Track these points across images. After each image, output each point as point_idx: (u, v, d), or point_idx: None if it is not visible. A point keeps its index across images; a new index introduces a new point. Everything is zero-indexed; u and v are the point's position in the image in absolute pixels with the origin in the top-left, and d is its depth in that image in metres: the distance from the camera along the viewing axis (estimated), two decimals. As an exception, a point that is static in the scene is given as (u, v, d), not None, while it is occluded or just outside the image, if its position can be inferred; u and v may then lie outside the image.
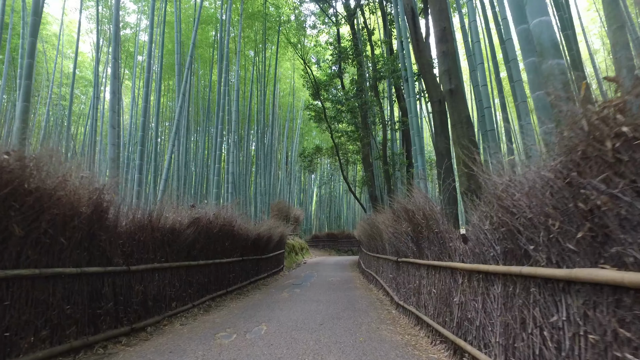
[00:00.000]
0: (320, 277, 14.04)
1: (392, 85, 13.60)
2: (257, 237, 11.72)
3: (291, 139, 34.98)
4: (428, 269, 5.38)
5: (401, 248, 6.93)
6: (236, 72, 14.07)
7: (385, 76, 13.17)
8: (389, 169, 12.62)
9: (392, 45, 14.26)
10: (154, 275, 5.83)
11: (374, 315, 6.80)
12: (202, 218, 7.52)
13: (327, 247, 34.27)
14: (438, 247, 4.92)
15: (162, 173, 9.74)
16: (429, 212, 5.18)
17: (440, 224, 4.84)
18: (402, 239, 6.70)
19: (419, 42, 9.33)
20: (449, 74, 6.14)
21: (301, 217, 30.65)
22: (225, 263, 9.29)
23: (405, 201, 5.97)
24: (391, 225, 7.23)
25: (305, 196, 41.90)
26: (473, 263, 3.75)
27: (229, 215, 9.22)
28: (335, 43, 17.23)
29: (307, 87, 20.59)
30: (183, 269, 6.89)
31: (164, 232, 6.14)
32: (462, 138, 5.77)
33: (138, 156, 9.63)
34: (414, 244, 6.08)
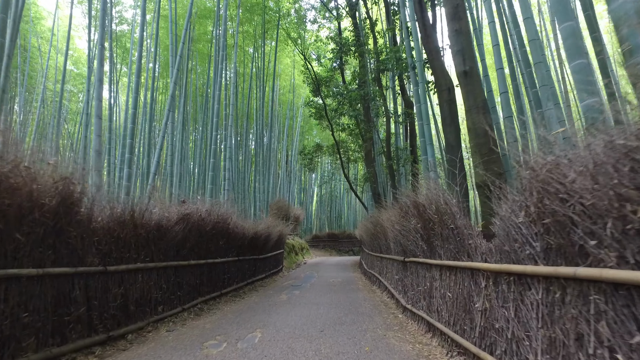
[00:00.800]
0: (321, 278, 13.48)
1: (395, 77, 13.01)
2: (255, 236, 11.16)
3: (291, 137, 34.41)
4: (441, 269, 4.81)
5: (409, 247, 6.36)
6: (234, 64, 13.50)
7: (389, 68, 12.59)
8: (393, 164, 12.05)
9: (395, 36, 13.70)
10: (137, 277, 5.26)
11: (379, 321, 6.23)
12: (193, 214, 6.96)
13: (328, 247, 33.73)
14: (454, 245, 4.35)
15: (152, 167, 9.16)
16: (443, 206, 4.61)
17: (458, 218, 4.27)
18: (410, 237, 6.13)
19: (426, 27, 8.77)
20: (462, 55, 5.57)
21: (301, 217, 30.09)
22: (220, 263, 8.72)
23: (415, 195, 5.41)
24: (398, 222, 6.66)
25: (306, 196, 41.32)
26: (501, 263, 3.19)
27: (224, 212, 8.65)
28: (337, 37, 16.68)
29: (308, 84, 20.06)
30: (171, 269, 6.33)
31: (149, 229, 5.57)
32: (478, 124, 5.20)
33: (128, 149, 9.07)
34: (424, 242, 5.51)
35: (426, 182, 5.79)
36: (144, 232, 5.41)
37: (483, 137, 5.23)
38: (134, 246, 5.21)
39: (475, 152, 5.25)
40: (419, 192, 5.53)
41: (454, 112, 7.75)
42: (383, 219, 8.83)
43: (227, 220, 8.78)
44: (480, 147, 5.23)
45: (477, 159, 5.22)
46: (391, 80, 13.20)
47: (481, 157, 5.20)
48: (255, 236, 11.19)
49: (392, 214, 7.33)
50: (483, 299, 3.49)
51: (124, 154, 9.70)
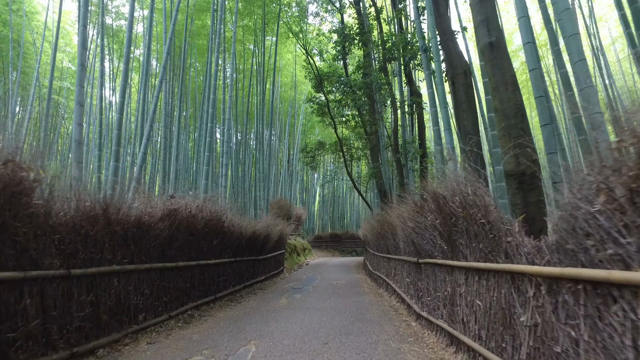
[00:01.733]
0: (324, 280, 12.74)
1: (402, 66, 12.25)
2: (253, 236, 10.44)
3: (293, 135, 33.69)
4: (467, 273, 4.07)
5: (424, 247, 5.62)
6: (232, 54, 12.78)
7: (395, 56, 11.84)
8: (400, 158, 11.29)
9: (402, 24, 12.96)
10: (112, 281, 4.54)
11: (390, 330, 5.49)
12: (181, 210, 6.24)
13: (331, 248, 33.00)
14: (486, 243, 3.61)
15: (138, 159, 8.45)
16: (470, 198, 3.87)
17: (491, 212, 3.53)
18: (426, 235, 5.39)
19: (439, 6, 8.04)
20: (487, 24, 4.83)
21: (303, 217, 29.36)
22: (214, 265, 8.00)
23: (434, 186, 4.67)
24: (411, 219, 5.91)
25: (308, 195, 40.60)
26: (561, 266, 2.45)
27: (218, 209, 7.93)
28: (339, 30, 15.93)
29: (310, 79, 19.35)
30: (156, 272, 5.60)
31: (127, 225, 4.85)
32: (507, 103, 4.46)
33: (115, 142, 8.36)
34: (443, 241, 4.77)
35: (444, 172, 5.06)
36: (120, 230, 4.68)
37: (513, 117, 4.49)
38: (108, 246, 4.49)
39: (504, 135, 4.50)
40: (437, 184, 4.79)
41: (470, 96, 7.03)
42: (392, 217, 8.09)
43: (221, 217, 8.05)
44: (510, 130, 4.49)
45: (507, 143, 4.48)
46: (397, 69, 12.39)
47: (511, 141, 4.46)
48: (253, 236, 10.47)
49: (404, 210, 6.59)
50: (531, 312, 2.75)
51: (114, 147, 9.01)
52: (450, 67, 7.45)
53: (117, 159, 8.20)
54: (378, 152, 13.98)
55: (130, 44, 8.91)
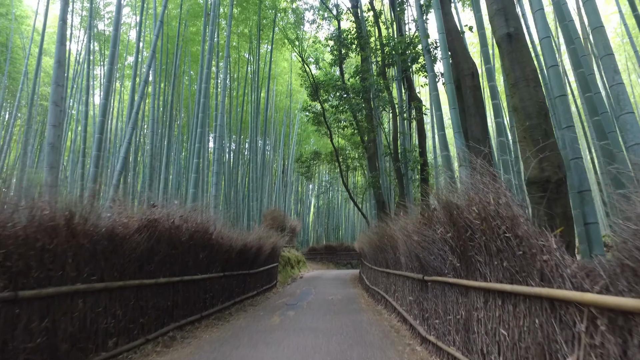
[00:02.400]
0: (319, 295, 12.11)
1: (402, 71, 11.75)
2: (244, 248, 9.83)
3: (288, 145, 33.18)
4: (488, 295, 3.50)
5: (431, 263, 5.05)
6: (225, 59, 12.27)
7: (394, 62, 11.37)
8: (400, 166, 10.75)
9: (402, 27, 12.52)
10: (75, 302, 3.92)
11: (394, 356, 4.90)
12: (162, 221, 5.64)
13: (325, 260, 32.29)
14: (513, 261, 3.05)
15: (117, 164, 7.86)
16: (491, 208, 3.32)
17: (521, 224, 2.97)
18: (435, 250, 4.82)
19: (444, 4, 7.58)
20: (504, 14, 4.33)
21: (298, 228, 28.73)
22: (200, 280, 7.37)
23: (446, 195, 4.12)
24: (416, 231, 5.35)
25: (303, 206, 39.97)
26: (629, 295, 1.89)
27: (205, 220, 7.34)
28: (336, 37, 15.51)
29: (305, 87, 18.91)
30: (131, 290, 4.98)
31: (97, 238, 4.25)
32: (529, 101, 3.94)
33: (95, 146, 7.76)
34: (457, 257, 4.20)
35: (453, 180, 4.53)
36: (88, 243, 4.08)
37: (536, 117, 3.96)
38: (71, 261, 3.88)
39: (526, 137, 3.97)
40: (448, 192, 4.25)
41: (479, 99, 6.53)
42: (393, 229, 7.53)
43: (208, 229, 7.45)
44: (532, 132, 3.95)
45: (529, 146, 3.94)
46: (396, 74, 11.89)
47: (534, 144, 3.93)
48: (244, 248, 9.86)
49: (408, 222, 6.03)
50: (583, 352, 2.18)
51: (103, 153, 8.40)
52: (455, 69, 6.96)
53: (97, 164, 7.60)
54: (376, 160, 13.45)
55: (116, 42, 8.37)
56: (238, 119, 23.51)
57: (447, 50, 6.25)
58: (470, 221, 3.75)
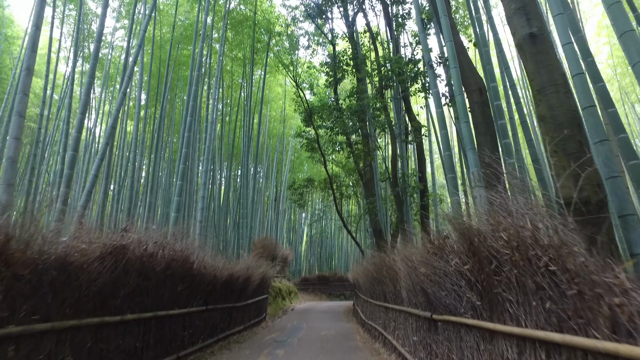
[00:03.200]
0: (311, 330, 11.22)
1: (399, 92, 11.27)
2: (230, 279, 9.03)
3: (281, 172, 32.59)
4: (522, 344, 2.79)
5: (442, 299, 4.33)
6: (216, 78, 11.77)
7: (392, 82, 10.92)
8: (400, 192, 10.10)
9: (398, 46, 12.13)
10: (3, 350, 3.14)
11: (400, 412, 4.12)
12: (132, 247, 4.90)
13: (318, 291, 31.19)
14: (563, 303, 2.37)
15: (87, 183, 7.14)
16: (528, 233, 2.66)
17: (574, 255, 2.31)
18: (447, 284, 4.12)
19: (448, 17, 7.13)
20: (525, 12, 3.80)
21: (290, 258, 27.78)
22: (177, 316, 6.56)
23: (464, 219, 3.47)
24: (424, 262, 4.65)
25: (295, 235, 39.03)
26: None
27: (185, 247, 6.59)
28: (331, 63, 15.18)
29: (300, 112, 18.51)
30: (88, 330, 4.19)
31: (43, 267, 3.51)
32: (559, 109, 3.36)
33: (68, 164, 7.06)
34: (476, 293, 3.51)
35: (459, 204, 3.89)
36: (28, 273, 3.34)
37: (568, 127, 3.37)
38: (2, 298, 3.13)
39: (557, 151, 3.36)
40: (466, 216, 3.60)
41: (488, 116, 5.98)
42: (394, 259, 6.83)
43: (189, 257, 6.70)
44: (565, 144, 3.35)
45: (561, 161, 3.32)
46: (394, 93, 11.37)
47: (567, 158, 3.31)
48: (230, 279, 9.06)
49: (413, 251, 5.34)
50: None
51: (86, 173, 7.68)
52: (463, 84, 6.45)
53: (68, 184, 6.88)
54: (373, 186, 12.82)
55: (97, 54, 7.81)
56: (230, 144, 22.96)
57: (455, 59, 5.73)
58: (496, 250, 3.09)
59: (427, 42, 7.16)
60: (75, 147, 7.29)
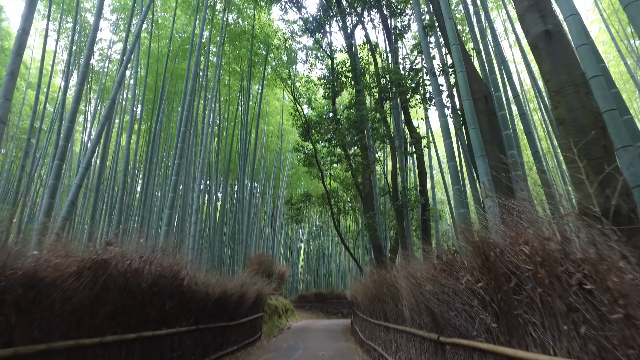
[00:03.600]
0: (308, 350, 10.74)
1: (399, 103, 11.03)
2: (223, 296, 8.61)
3: (278, 188, 32.24)
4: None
5: (451, 320, 3.96)
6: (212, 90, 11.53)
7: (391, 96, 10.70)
8: (400, 206, 9.74)
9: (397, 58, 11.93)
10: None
11: None
12: (115, 262, 4.53)
13: (315, 309, 30.55)
14: (605, 328, 2.02)
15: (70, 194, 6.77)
16: (555, 246, 2.33)
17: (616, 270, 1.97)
18: (457, 304, 3.76)
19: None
20: (538, 10, 3.53)
21: (286, 274, 27.21)
22: (165, 336, 6.14)
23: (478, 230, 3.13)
24: (432, 279, 4.29)
25: (292, 252, 38.50)
26: None
27: (174, 262, 6.21)
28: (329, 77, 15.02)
29: (297, 127, 18.29)
30: (60, 354, 3.79)
31: (6, 284, 3.14)
32: (579, 111, 3.06)
33: (53, 174, 6.71)
34: (492, 314, 3.15)
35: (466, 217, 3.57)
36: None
37: (591, 129, 3.06)
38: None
39: (579, 157, 3.04)
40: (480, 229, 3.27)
41: (494, 125, 5.69)
42: (395, 276, 6.45)
43: (178, 273, 6.31)
44: (588, 149, 3.03)
45: (585, 167, 3.00)
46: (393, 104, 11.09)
47: (592, 165, 2.99)
48: (224, 296, 8.64)
49: (418, 268, 4.97)
50: None
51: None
52: (468, 92, 6.19)
53: (52, 195, 6.51)
54: (372, 200, 12.48)
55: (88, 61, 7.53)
56: (227, 159, 22.69)
57: (462, 63, 5.46)
58: (515, 266, 2.75)
59: (429, 50, 6.92)
60: (62, 156, 6.95)
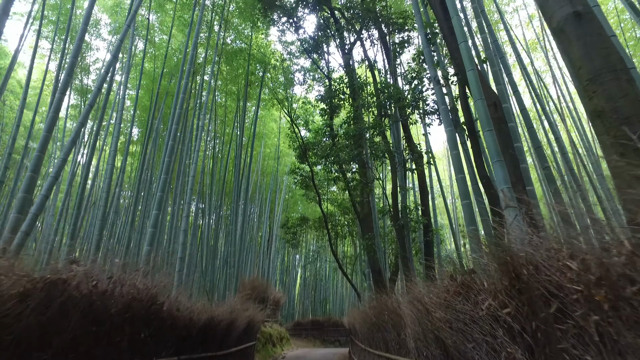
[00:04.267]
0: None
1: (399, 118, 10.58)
2: (210, 323, 7.90)
3: (274, 212, 31.63)
4: None
5: (467, 353, 3.33)
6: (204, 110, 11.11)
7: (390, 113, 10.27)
8: (402, 226, 9.13)
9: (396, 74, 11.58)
10: None
11: None
12: (76, 282, 3.92)
13: (311, 337, 29.49)
14: None
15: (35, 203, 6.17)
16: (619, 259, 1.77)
17: None
18: (474, 333, 3.15)
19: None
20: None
21: (282, 301, 26.32)
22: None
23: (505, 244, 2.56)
24: (444, 304, 3.68)
25: (289, 278, 37.56)
26: None
27: (152, 285, 5.57)
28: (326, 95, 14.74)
29: (294, 149, 17.93)
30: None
31: None
32: (621, 100, 2.56)
33: (24, 187, 6.14)
34: (522, 347, 2.55)
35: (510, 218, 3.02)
36: None
37: (638, 120, 2.54)
38: None
39: (625, 153, 2.51)
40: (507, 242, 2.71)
41: (505, 133, 5.21)
42: (398, 301, 5.83)
43: (157, 297, 5.65)
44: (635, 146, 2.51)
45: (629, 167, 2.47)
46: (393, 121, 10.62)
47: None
48: (210, 323, 7.92)
49: (426, 293, 4.37)
50: None
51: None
52: (474, 100, 5.73)
53: (21, 210, 5.92)
54: (371, 222, 11.87)
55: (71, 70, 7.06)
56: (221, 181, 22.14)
57: (472, 61, 4.97)
58: (557, 286, 2.17)
59: (432, 57, 6.50)
60: (35, 168, 6.40)
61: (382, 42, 12.40)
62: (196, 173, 10.21)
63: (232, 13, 19.85)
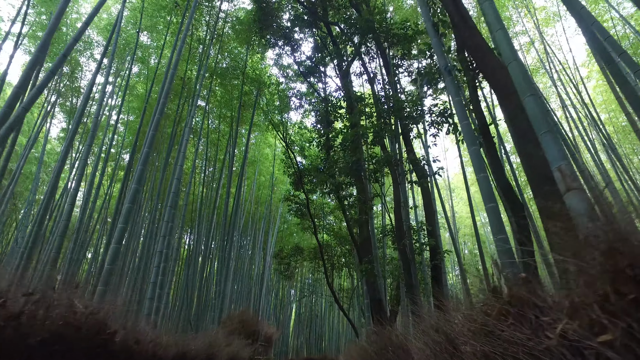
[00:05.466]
0: None
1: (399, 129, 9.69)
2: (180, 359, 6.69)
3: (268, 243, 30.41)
4: None
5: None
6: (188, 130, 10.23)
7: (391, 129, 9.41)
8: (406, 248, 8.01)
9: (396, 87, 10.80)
10: None
11: None
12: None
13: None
14: None
15: None
16: None
17: None
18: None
19: (466, 19, 5.71)
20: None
21: (275, 337, 24.70)
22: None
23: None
24: (477, 330, 2.62)
25: (283, 314, 35.87)
26: None
27: (98, 310, 4.47)
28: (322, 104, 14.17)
29: (289, 175, 17.16)
30: None
31: None
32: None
33: None
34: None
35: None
36: None
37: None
38: None
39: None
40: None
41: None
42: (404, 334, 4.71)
43: (105, 325, 4.54)
44: None
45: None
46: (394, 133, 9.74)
47: None
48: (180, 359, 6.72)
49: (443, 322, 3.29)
50: None
51: None
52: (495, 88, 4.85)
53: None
54: (369, 246, 10.77)
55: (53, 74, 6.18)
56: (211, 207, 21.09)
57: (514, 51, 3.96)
58: None
59: (440, 47, 5.66)
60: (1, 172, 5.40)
61: (382, 56, 11.73)
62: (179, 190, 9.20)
63: (228, 36, 19.45)
